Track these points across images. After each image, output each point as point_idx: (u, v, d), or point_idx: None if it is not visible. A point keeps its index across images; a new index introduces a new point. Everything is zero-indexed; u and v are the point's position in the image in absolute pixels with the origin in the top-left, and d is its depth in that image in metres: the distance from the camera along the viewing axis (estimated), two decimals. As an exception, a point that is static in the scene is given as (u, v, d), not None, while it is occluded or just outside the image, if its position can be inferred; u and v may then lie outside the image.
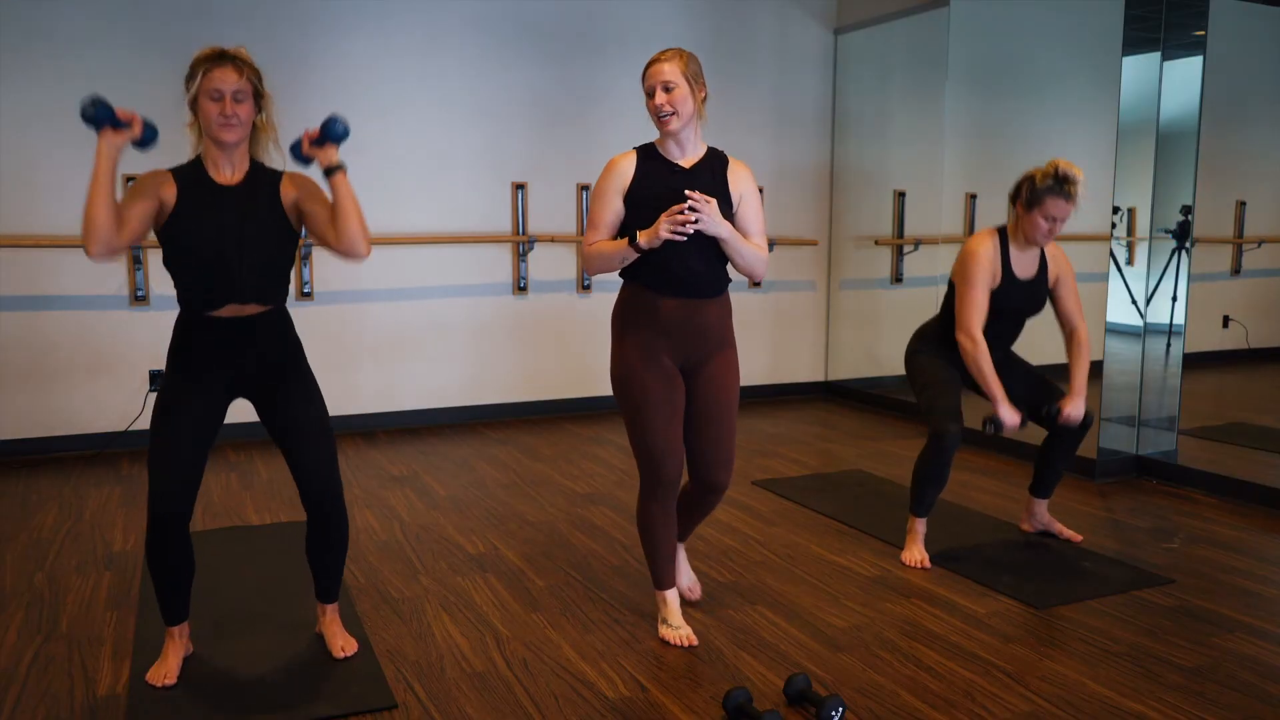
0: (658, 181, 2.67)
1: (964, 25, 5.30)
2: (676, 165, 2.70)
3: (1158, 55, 4.40)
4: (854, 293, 6.39)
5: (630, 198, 2.68)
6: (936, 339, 3.50)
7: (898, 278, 6.07)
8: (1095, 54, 4.64)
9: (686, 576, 3.06)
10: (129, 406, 4.93)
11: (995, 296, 3.34)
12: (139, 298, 4.89)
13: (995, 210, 5.43)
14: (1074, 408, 3.34)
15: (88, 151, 4.95)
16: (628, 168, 2.70)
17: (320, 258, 5.22)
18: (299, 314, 5.09)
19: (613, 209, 2.70)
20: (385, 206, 5.33)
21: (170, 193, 2.42)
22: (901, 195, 5.98)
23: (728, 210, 2.69)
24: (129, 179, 4.67)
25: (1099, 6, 4.57)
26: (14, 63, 4.60)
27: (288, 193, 2.50)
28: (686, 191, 2.58)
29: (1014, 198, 3.38)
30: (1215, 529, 3.82)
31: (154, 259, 4.92)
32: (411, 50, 5.30)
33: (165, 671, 2.52)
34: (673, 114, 2.63)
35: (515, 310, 5.68)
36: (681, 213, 2.52)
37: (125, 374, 4.93)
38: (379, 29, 5.22)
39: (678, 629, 2.79)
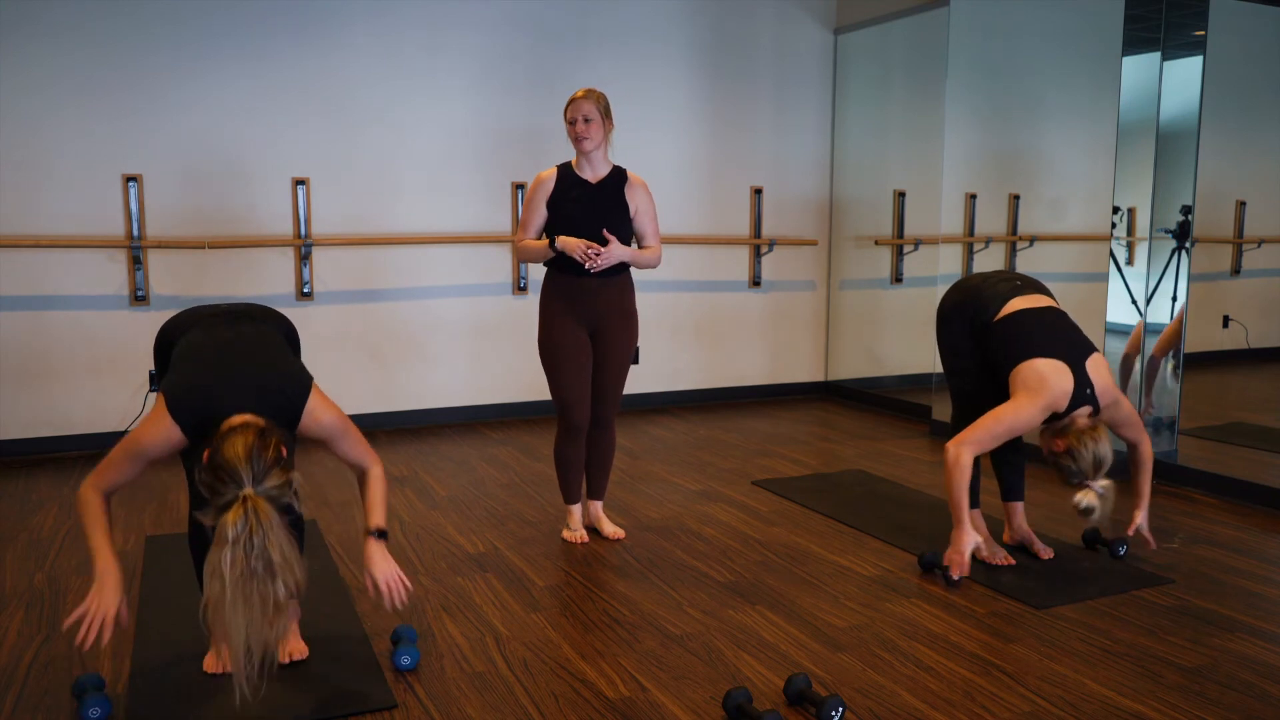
0: (572, 193, 3.45)
1: (964, 25, 5.30)
2: (586, 181, 3.47)
3: (1158, 55, 4.40)
4: (854, 293, 6.39)
5: (551, 205, 3.46)
6: (971, 316, 3.40)
7: (898, 278, 6.07)
8: (1095, 54, 4.64)
9: (609, 526, 3.71)
10: (129, 406, 4.93)
11: None
12: (139, 298, 4.89)
13: (994, 211, 5.44)
14: (1142, 521, 3.36)
15: (87, 151, 4.99)
16: (550, 182, 3.48)
17: (320, 258, 5.22)
18: (299, 314, 5.11)
19: (540, 214, 3.48)
20: (385, 206, 5.33)
21: (181, 444, 2.40)
22: (901, 195, 5.98)
23: (626, 217, 3.49)
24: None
25: (1099, 6, 4.57)
26: (14, 63, 4.60)
27: (308, 426, 2.49)
28: (606, 234, 3.40)
29: (1067, 444, 3.13)
30: (1215, 529, 3.82)
31: (154, 259, 4.92)
32: (411, 49, 5.30)
33: (225, 660, 2.57)
34: (587, 139, 3.41)
35: (515, 310, 5.68)
36: (587, 251, 3.34)
37: (125, 374, 4.93)
38: (378, 28, 5.22)
39: (575, 530, 3.65)
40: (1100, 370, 3.20)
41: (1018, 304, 3.31)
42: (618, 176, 3.52)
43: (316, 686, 2.50)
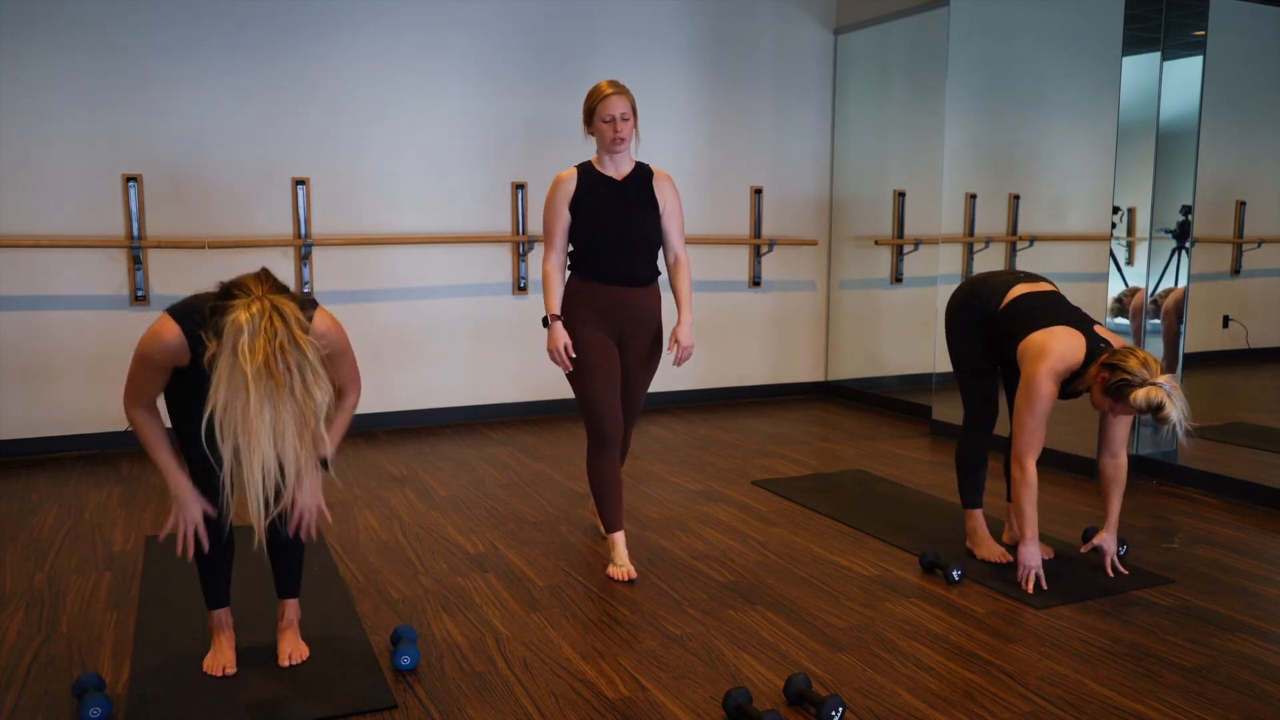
0: (597, 193, 3.21)
1: (964, 25, 5.30)
2: (611, 178, 3.24)
3: (1158, 55, 4.40)
4: (854, 293, 6.39)
5: (574, 207, 3.22)
6: (978, 309, 3.40)
7: (898, 278, 6.07)
8: (1095, 54, 4.64)
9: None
10: (129, 406, 4.93)
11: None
12: (139, 298, 4.89)
13: (994, 211, 5.44)
14: (1106, 542, 3.30)
15: (87, 151, 4.98)
16: (570, 182, 3.23)
17: (320, 258, 5.22)
18: (299, 314, 5.10)
19: (563, 220, 3.24)
20: (385, 207, 5.33)
21: (185, 358, 2.30)
22: (901, 195, 5.98)
23: (655, 215, 3.26)
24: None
25: (1099, 6, 4.57)
26: (14, 63, 4.60)
27: (314, 332, 2.38)
28: (676, 335, 3.28)
29: (1105, 366, 3.00)
30: (1215, 529, 3.82)
31: (154, 259, 4.92)
32: (411, 50, 5.30)
33: (224, 662, 2.55)
34: (624, 140, 3.18)
35: (515, 310, 5.68)
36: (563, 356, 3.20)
37: (125, 374, 4.92)
38: (378, 28, 5.22)
39: (620, 566, 3.27)
40: (1112, 335, 3.18)
41: (1021, 289, 3.35)
42: (643, 172, 3.29)
43: (316, 686, 2.50)
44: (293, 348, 2.03)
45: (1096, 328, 3.18)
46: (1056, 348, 3.08)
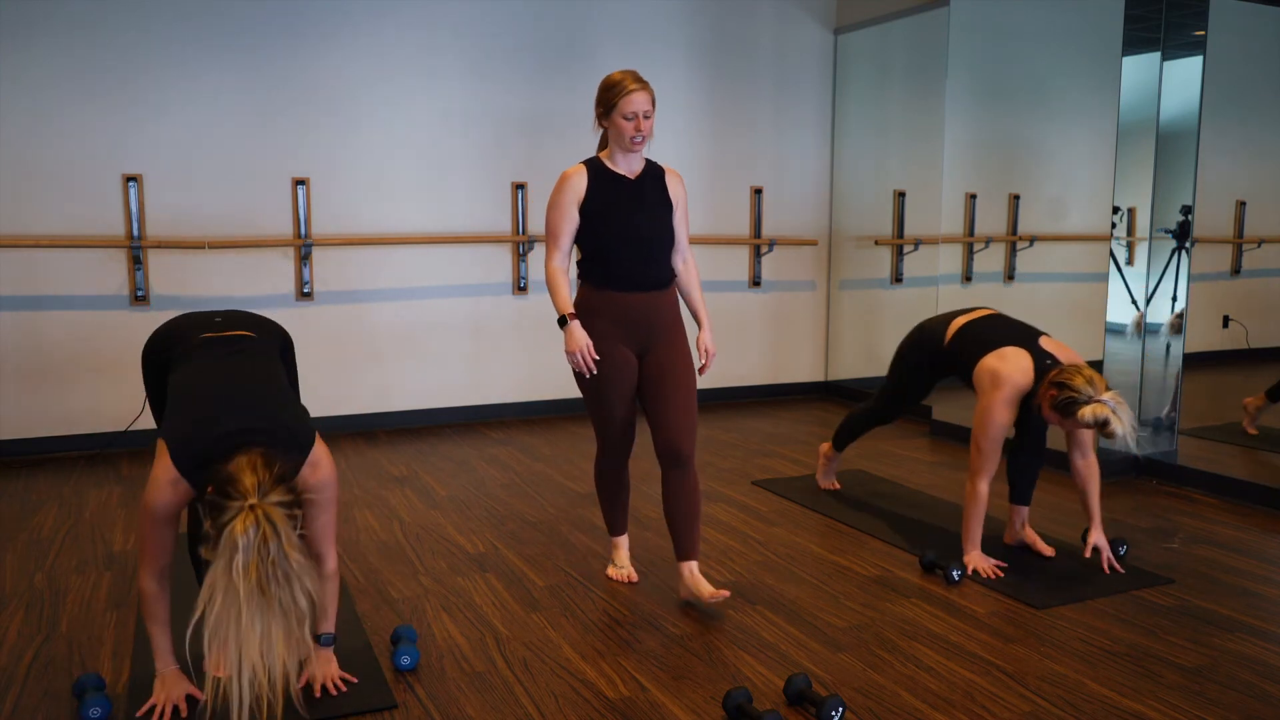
0: (609, 192, 2.99)
1: (964, 25, 5.30)
2: (624, 177, 3.02)
3: (1158, 55, 4.40)
4: (854, 293, 6.39)
5: (586, 208, 2.98)
6: (929, 350, 3.63)
7: (898, 278, 6.07)
8: (1095, 54, 4.64)
9: (707, 588, 3.00)
10: (129, 406, 4.93)
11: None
12: (139, 298, 4.89)
13: (994, 211, 5.44)
14: (1098, 540, 3.33)
15: (87, 151, 4.97)
16: (579, 180, 2.99)
17: (320, 258, 5.22)
18: (299, 313, 5.12)
19: (571, 220, 3.00)
20: (385, 207, 5.33)
21: (190, 495, 2.28)
22: (901, 195, 5.98)
23: (669, 214, 3.05)
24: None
25: (1099, 6, 4.57)
26: (13, 63, 4.60)
27: (305, 477, 2.34)
28: (701, 343, 3.16)
29: (1053, 384, 3.10)
30: (1215, 529, 3.82)
31: (154, 259, 4.92)
32: (411, 50, 5.30)
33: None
34: (644, 137, 2.95)
35: (515, 310, 5.68)
36: (586, 360, 2.93)
37: (125, 374, 4.92)
38: (378, 28, 5.22)
39: (621, 568, 3.27)
40: (1057, 345, 3.30)
41: (960, 321, 3.53)
42: (655, 170, 3.07)
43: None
44: (283, 560, 2.07)
45: (1041, 340, 3.30)
46: (1009, 377, 3.21)
